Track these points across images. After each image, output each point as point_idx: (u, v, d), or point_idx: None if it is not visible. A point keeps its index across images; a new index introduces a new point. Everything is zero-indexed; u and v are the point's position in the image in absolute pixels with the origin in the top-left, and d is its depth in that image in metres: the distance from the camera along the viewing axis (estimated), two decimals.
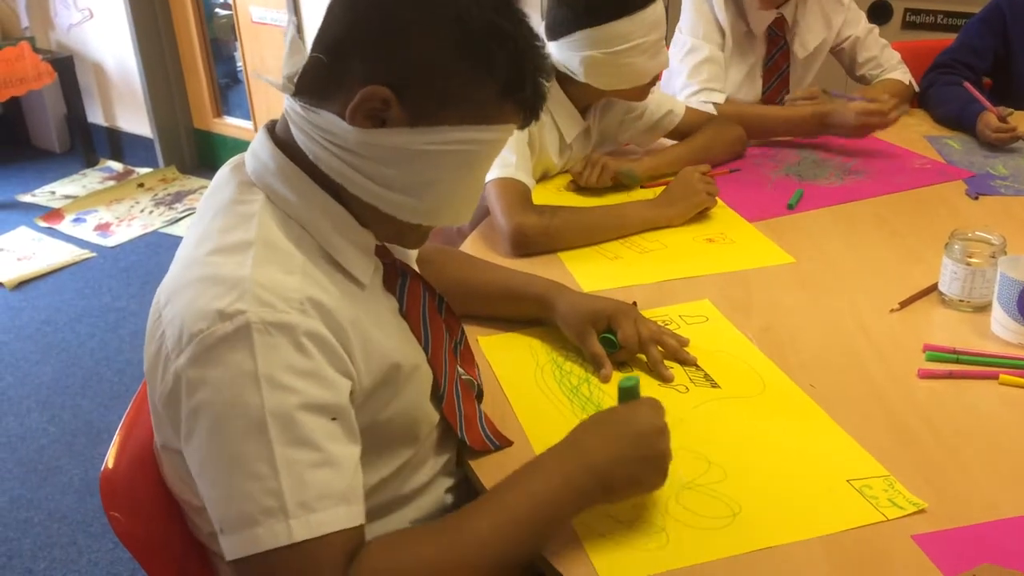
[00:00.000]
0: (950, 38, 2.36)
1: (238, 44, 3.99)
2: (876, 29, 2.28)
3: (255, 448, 0.76)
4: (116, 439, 1.00)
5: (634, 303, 1.25)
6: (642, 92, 1.75)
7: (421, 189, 0.88)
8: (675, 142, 1.93)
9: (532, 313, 1.29)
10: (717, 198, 1.68)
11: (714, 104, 2.01)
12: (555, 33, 1.67)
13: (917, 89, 2.27)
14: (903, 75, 2.25)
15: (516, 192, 1.57)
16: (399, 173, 0.86)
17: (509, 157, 1.60)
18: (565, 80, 1.72)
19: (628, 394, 0.96)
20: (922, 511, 0.93)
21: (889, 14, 3.15)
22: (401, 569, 0.80)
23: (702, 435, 1.06)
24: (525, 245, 1.53)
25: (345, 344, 0.84)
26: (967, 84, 2.10)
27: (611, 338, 1.20)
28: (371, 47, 0.84)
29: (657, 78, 1.75)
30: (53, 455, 2.36)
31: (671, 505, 0.94)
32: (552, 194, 1.79)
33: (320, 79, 0.87)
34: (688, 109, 1.92)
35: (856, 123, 1.94)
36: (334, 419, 0.81)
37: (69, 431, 2.45)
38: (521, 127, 0.91)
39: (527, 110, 0.90)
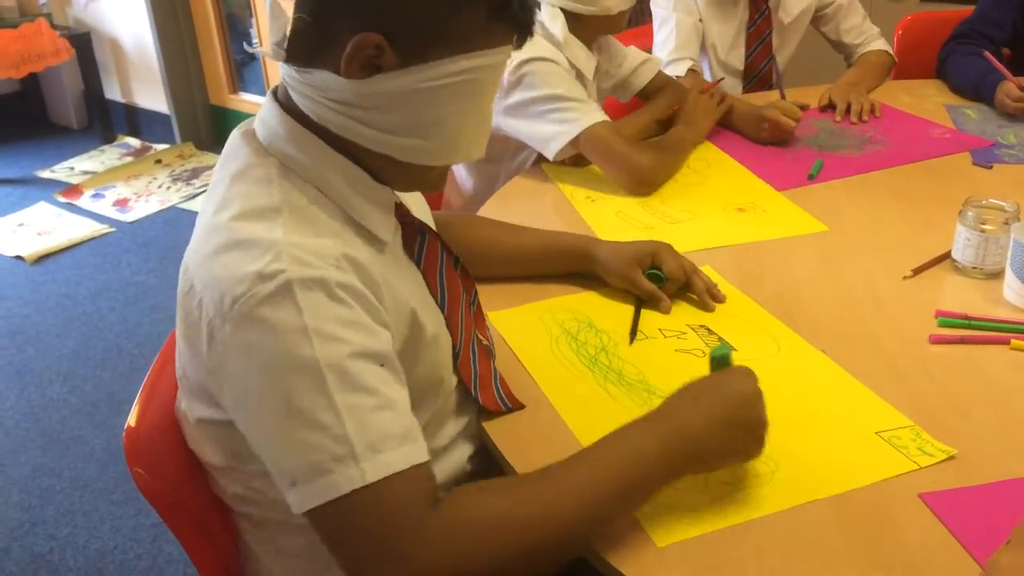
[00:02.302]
0: (969, 10, 2.33)
1: (253, 20, 3.99)
2: None
3: (316, 399, 0.78)
4: (139, 399, 1.02)
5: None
6: (621, 21, 1.78)
7: (430, 128, 0.88)
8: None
9: (572, 267, 1.33)
10: (743, 165, 1.73)
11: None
12: None
13: (896, 60, 2.31)
14: (886, 46, 2.29)
15: (622, 134, 1.68)
16: (404, 117, 0.86)
17: (583, 106, 1.66)
18: (571, 22, 1.73)
19: (720, 363, 0.94)
20: (952, 457, 0.95)
21: None
22: (492, 514, 0.81)
23: None
24: (653, 183, 1.65)
25: (379, 297, 0.86)
26: (987, 54, 2.08)
27: (658, 274, 1.27)
28: None
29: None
30: (75, 425, 2.40)
31: None
32: None
33: (308, 39, 0.87)
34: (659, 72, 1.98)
35: (756, 133, 1.92)
36: (382, 365, 0.83)
37: (90, 402, 2.49)
38: (517, 46, 0.90)
39: (519, 28, 0.88)
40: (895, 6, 3.13)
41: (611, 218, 1.57)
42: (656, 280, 1.27)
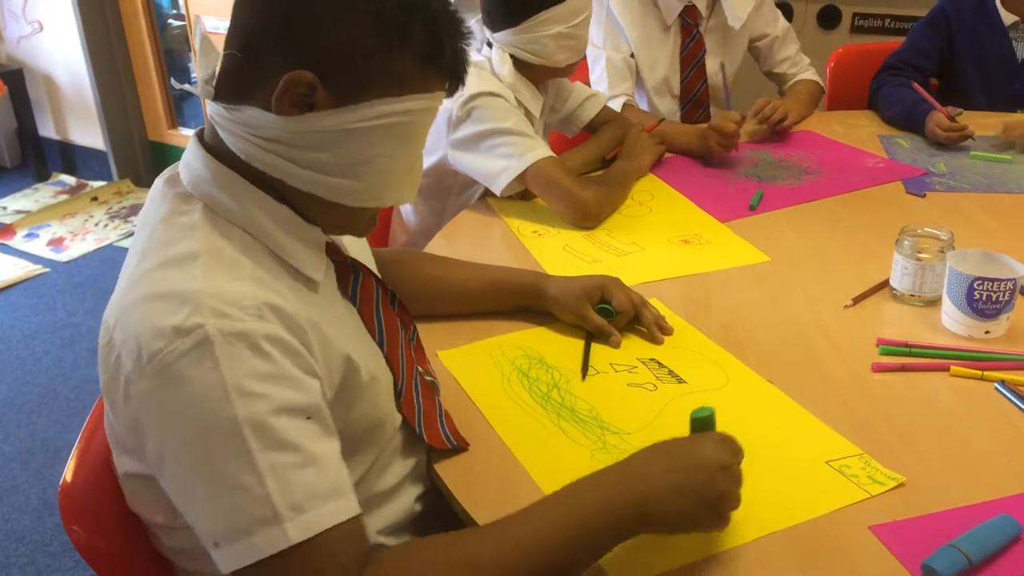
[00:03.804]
0: (898, 41, 2.42)
1: (192, 55, 3.95)
2: (792, 30, 2.36)
3: (236, 459, 0.75)
4: (75, 452, 0.99)
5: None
6: (575, 67, 1.83)
7: (359, 169, 0.87)
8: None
9: (520, 303, 1.32)
10: (686, 197, 1.76)
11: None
12: (514, 19, 1.71)
13: (824, 89, 2.38)
14: (816, 76, 2.36)
15: (567, 169, 1.69)
16: (334, 156, 0.85)
17: (530, 141, 1.67)
18: (519, 66, 1.76)
19: (700, 425, 0.89)
20: (901, 485, 0.97)
21: (838, 19, 3.22)
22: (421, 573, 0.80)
23: (680, 431, 1.06)
24: (598, 217, 1.67)
25: (306, 344, 0.84)
26: (916, 85, 2.15)
27: (608, 308, 1.27)
28: (285, 34, 0.83)
29: None
30: (9, 475, 2.31)
31: None
32: None
33: (238, 76, 0.85)
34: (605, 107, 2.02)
35: (696, 146, 2.02)
36: (309, 418, 0.81)
37: (25, 450, 2.41)
38: (448, 94, 0.90)
39: (451, 76, 0.89)
40: (827, 38, 3.23)
41: (558, 252, 1.58)
42: (606, 314, 1.27)
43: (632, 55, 2.24)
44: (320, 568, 0.77)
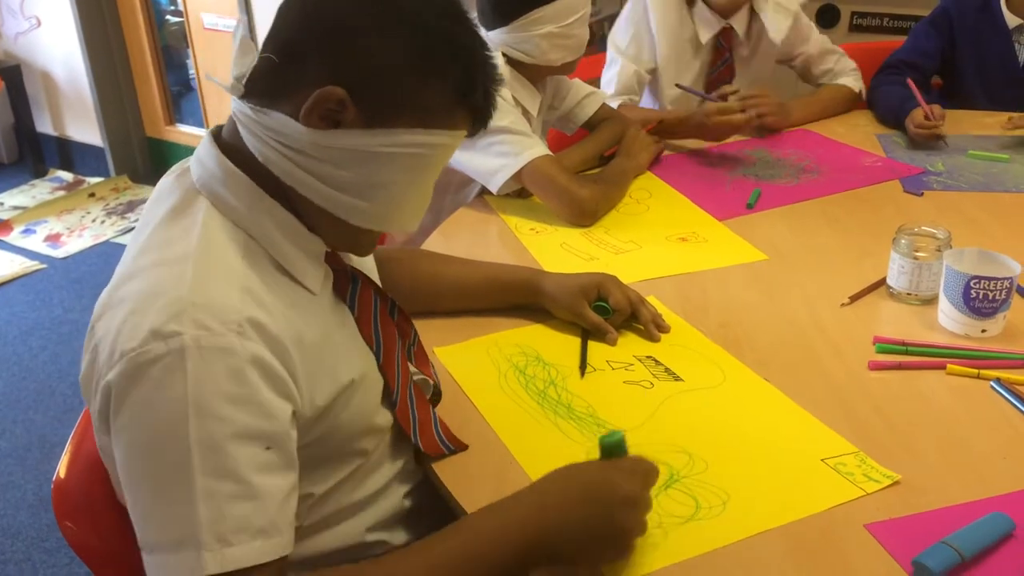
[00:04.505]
0: (897, 40, 2.41)
1: (190, 51, 3.95)
2: (827, 40, 2.31)
3: (177, 475, 0.74)
4: (68, 448, 0.99)
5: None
6: (573, 65, 1.82)
7: (373, 192, 0.87)
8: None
9: (517, 300, 1.32)
10: (684, 195, 1.76)
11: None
12: (504, 18, 1.70)
13: (864, 97, 2.31)
14: (852, 82, 2.28)
15: (563, 167, 1.69)
16: (351, 175, 0.85)
17: (526, 140, 1.67)
18: (515, 64, 1.76)
19: (609, 450, 0.87)
20: (896, 483, 0.97)
21: (836, 17, 3.22)
22: None
23: (676, 428, 1.08)
24: (594, 214, 1.67)
25: (288, 365, 0.82)
26: (909, 81, 2.14)
27: (604, 305, 1.27)
28: (325, 48, 0.83)
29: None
30: (5, 470, 2.31)
31: (663, 500, 0.95)
32: None
33: (272, 80, 0.85)
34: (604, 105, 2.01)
35: (694, 129, 2.01)
36: (268, 448, 0.79)
37: (21, 446, 2.40)
38: (470, 134, 0.91)
39: (477, 117, 0.90)
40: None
41: (556, 249, 1.57)
42: (602, 312, 1.27)
43: (650, 70, 2.20)
44: None
